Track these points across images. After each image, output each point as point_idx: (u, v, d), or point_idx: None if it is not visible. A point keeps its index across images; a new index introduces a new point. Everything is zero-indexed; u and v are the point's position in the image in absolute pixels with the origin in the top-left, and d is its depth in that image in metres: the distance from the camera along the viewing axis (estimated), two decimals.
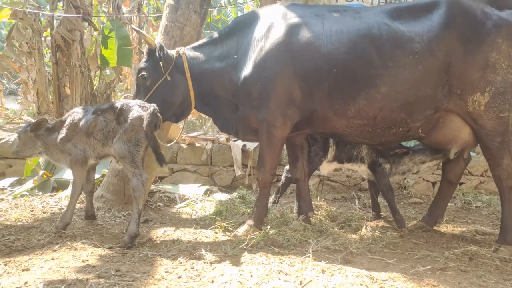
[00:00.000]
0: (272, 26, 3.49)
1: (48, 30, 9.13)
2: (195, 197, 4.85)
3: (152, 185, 4.85)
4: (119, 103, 3.31)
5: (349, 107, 3.38)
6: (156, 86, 3.58)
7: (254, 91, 3.46)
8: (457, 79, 3.29)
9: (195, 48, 3.75)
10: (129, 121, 3.18)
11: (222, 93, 3.66)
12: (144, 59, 3.72)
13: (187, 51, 3.69)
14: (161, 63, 3.55)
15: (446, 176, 3.94)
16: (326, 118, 3.50)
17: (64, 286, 2.28)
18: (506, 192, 3.42)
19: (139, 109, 3.22)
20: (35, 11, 8.42)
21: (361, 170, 4.24)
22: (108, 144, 3.28)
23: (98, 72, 9.78)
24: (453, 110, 3.40)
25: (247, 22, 3.68)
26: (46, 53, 11.11)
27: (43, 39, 9.74)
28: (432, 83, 3.30)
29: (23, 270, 2.55)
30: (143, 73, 3.63)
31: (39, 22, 9.25)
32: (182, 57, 3.62)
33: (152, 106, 3.27)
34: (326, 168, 4.27)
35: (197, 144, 5.96)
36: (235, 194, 5.00)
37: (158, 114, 3.29)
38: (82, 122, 3.34)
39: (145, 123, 3.18)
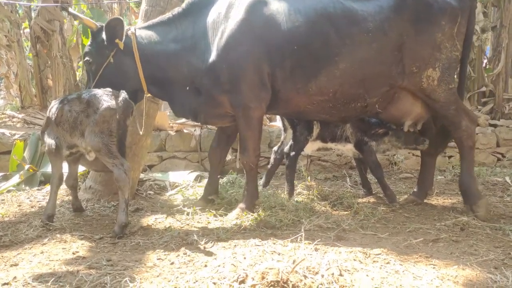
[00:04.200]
0: (231, 7, 3.43)
1: (27, 21, 8.87)
2: (185, 184, 4.81)
3: (142, 174, 4.80)
4: (86, 94, 3.18)
5: (311, 85, 3.42)
6: (101, 70, 3.44)
7: (222, 75, 3.40)
8: (410, 57, 3.41)
9: (147, 28, 3.60)
10: (98, 112, 3.06)
11: (179, 77, 3.54)
12: (88, 43, 3.58)
13: (138, 31, 3.54)
14: (116, 40, 3.36)
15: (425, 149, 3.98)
16: (289, 98, 3.52)
17: (53, 279, 2.25)
18: (466, 151, 3.59)
19: (108, 99, 3.10)
20: (11, 1, 8.15)
21: (346, 149, 4.24)
22: (75, 134, 3.17)
23: (80, 62, 9.57)
24: (407, 87, 3.52)
25: (203, 3, 3.58)
26: (27, 46, 10.83)
27: (22, 31, 9.48)
28: (387, 61, 3.42)
29: (11, 266, 2.51)
30: (87, 58, 3.51)
31: (17, 14, 8.98)
32: (131, 38, 3.46)
33: (122, 93, 3.18)
34: (310, 147, 4.26)
35: (185, 131, 5.90)
36: (225, 179, 4.97)
37: (130, 100, 3.20)
38: (51, 112, 3.26)
39: (119, 111, 3.09)
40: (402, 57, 3.41)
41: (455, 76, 3.81)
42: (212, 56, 3.39)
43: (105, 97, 3.11)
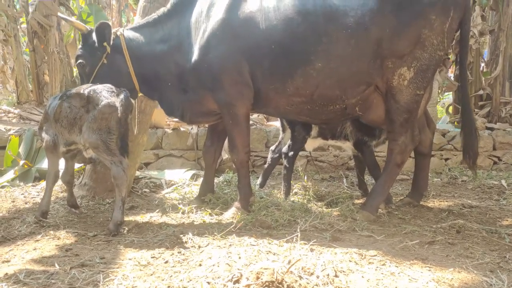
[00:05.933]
0: (212, 6, 3.42)
1: (24, 16, 8.81)
2: (181, 182, 4.79)
3: (138, 171, 4.77)
4: (86, 89, 3.15)
5: (288, 85, 3.37)
6: (96, 71, 3.49)
7: (204, 74, 3.41)
8: (389, 52, 3.25)
9: (135, 29, 3.64)
10: (97, 108, 3.04)
11: (167, 76, 3.57)
12: (79, 46, 3.62)
13: (126, 32, 3.59)
14: (105, 43, 3.44)
15: (416, 149, 3.92)
16: (269, 97, 3.49)
17: (46, 276, 2.22)
18: (390, 166, 3.51)
19: (108, 95, 3.07)
20: None
21: (346, 146, 4.24)
22: (74, 131, 3.15)
23: None
24: (380, 87, 3.37)
25: (186, 2, 3.58)
26: (24, 41, 10.76)
27: (19, 26, 9.41)
28: (365, 57, 3.27)
29: (3, 262, 2.48)
30: (80, 60, 3.55)
31: (14, 8, 8.92)
32: (120, 38, 3.51)
33: (123, 91, 3.16)
34: (311, 144, 4.27)
35: (182, 129, 5.87)
36: (222, 178, 4.95)
37: (131, 98, 3.19)
38: (50, 108, 3.24)
39: (120, 109, 3.07)
40: (381, 52, 3.25)
41: (439, 89, 3.66)
42: (195, 56, 3.40)
43: (105, 93, 3.08)
